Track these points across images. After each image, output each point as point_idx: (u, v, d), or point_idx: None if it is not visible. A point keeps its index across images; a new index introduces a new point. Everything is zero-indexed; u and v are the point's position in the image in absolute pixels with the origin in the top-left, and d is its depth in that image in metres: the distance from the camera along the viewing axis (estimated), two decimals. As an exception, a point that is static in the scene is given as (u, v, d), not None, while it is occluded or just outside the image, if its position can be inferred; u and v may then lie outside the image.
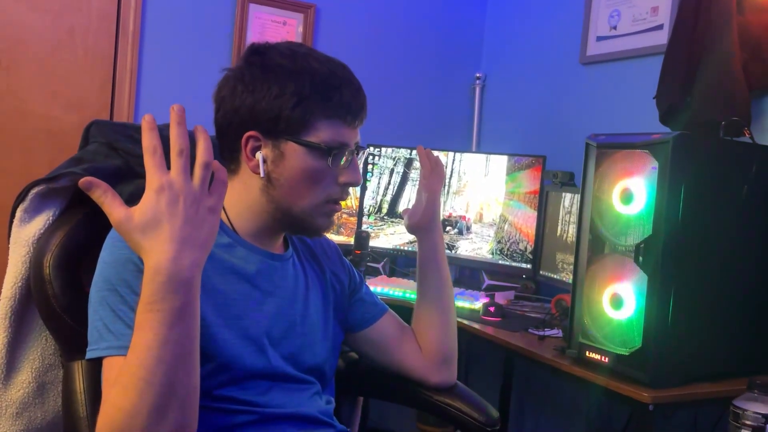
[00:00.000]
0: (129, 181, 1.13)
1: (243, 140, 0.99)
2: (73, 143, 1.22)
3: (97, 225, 1.12)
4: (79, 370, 1.06)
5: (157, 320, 0.75)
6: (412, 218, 1.27)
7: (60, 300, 1.04)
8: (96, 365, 0.90)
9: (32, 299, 1.10)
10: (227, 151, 1.03)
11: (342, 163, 1.02)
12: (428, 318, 1.25)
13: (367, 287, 1.26)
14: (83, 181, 0.73)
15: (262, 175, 0.99)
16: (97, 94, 2.24)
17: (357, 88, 1.03)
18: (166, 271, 0.74)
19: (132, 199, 1.10)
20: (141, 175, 1.16)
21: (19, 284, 1.09)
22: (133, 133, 1.19)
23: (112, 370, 0.83)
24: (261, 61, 1.00)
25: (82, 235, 1.09)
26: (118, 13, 2.23)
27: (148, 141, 0.74)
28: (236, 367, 0.98)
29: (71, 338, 1.07)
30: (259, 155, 0.99)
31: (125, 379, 0.76)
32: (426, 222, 1.25)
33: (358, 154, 1.05)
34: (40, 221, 1.09)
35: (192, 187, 0.76)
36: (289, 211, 1.02)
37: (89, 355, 0.87)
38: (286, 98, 0.97)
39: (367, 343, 1.23)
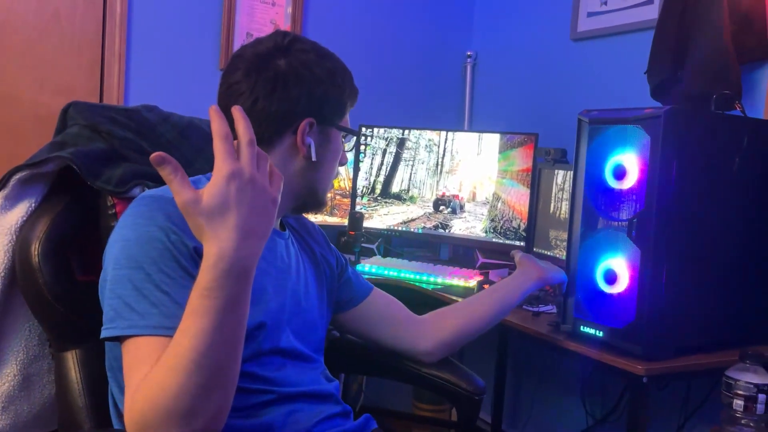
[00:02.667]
0: (117, 164, 1.10)
1: (301, 126, 1.02)
2: (62, 129, 1.20)
3: (82, 211, 1.09)
4: (73, 359, 1.04)
5: (214, 306, 0.74)
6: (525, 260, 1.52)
7: (52, 288, 1.02)
8: (93, 353, 0.88)
9: (15, 289, 1.07)
10: (266, 135, 1.02)
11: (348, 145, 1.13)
12: (468, 308, 1.34)
13: (352, 267, 1.29)
14: (156, 155, 0.71)
15: (314, 158, 1.03)
16: (86, 79, 2.22)
17: None
18: (229, 260, 0.73)
19: (123, 182, 1.08)
20: (128, 158, 1.14)
21: (1, 274, 1.06)
22: (113, 114, 1.16)
23: (140, 349, 0.81)
24: (311, 48, 1.04)
25: (68, 221, 1.07)
26: (104, -4, 2.19)
27: (220, 127, 0.74)
28: (258, 341, 0.99)
29: (63, 327, 1.05)
30: (309, 140, 1.03)
31: (173, 360, 0.75)
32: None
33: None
34: (22, 208, 1.06)
35: (261, 177, 0.76)
36: (316, 191, 1.08)
37: (104, 334, 0.84)
38: (341, 87, 1.05)
39: (358, 320, 1.25)
